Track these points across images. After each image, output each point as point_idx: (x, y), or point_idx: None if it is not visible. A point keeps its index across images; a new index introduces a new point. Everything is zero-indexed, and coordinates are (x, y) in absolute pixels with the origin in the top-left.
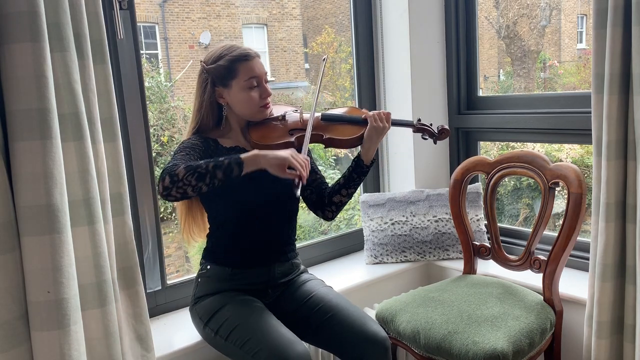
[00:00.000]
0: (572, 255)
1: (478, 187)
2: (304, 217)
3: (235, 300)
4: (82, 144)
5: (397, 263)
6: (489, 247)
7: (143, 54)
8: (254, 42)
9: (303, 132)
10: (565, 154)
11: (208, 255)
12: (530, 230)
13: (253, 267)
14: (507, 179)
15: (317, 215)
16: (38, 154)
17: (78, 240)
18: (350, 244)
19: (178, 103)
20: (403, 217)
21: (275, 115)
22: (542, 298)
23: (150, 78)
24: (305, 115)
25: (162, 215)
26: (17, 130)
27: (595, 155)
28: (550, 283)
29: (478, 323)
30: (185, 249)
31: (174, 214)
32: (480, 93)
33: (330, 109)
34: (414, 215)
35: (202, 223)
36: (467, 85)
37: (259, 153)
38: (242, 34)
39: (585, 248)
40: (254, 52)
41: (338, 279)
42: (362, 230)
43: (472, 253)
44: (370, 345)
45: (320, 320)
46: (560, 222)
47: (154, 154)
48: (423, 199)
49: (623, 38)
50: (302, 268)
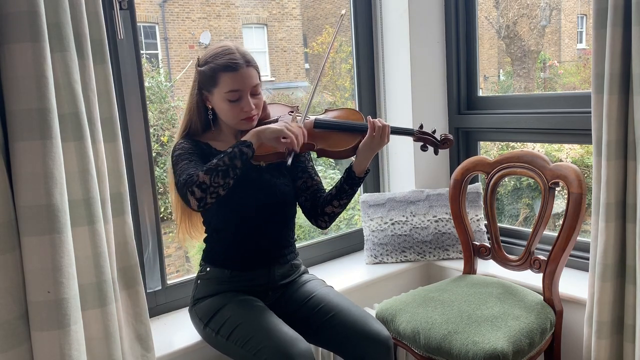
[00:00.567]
0: (572, 255)
1: (478, 187)
2: (304, 217)
3: (236, 300)
4: (82, 144)
5: (397, 263)
6: (489, 247)
7: (143, 54)
8: (254, 42)
9: None
10: (565, 154)
11: (207, 258)
12: (530, 230)
13: (252, 269)
14: (507, 179)
15: (311, 223)
16: (38, 154)
17: (78, 240)
18: (350, 244)
19: (178, 103)
20: (403, 217)
21: (268, 121)
22: (542, 298)
23: (151, 78)
24: (299, 119)
25: (162, 215)
26: (17, 130)
27: (595, 155)
28: (550, 283)
29: (478, 323)
30: (186, 249)
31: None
32: (480, 93)
33: (328, 110)
34: (414, 215)
35: (199, 224)
36: (467, 85)
37: (257, 130)
38: (242, 34)
39: (585, 248)
40: (244, 60)
41: (338, 279)
42: (362, 230)
43: (472, 253)
44: (373, 344)
45: (322, 320)
46: (560, 222)
47: (154, 154)
48: (423, 199)
49: (623, 38)
50: (302, 269)
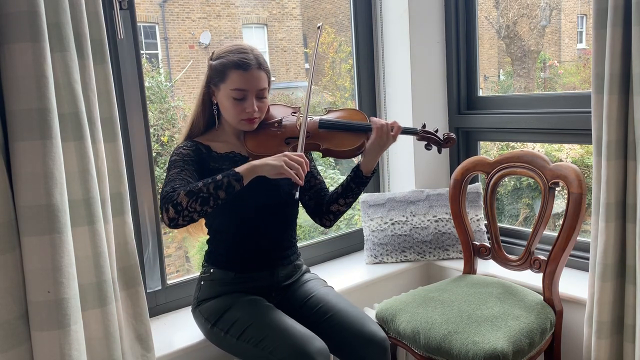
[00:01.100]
0: (572, 255)
1: (478, 187)
2: (304, 217)
3: (243, 300)
4: (82, 144)
5: (397, 263)
6: (489, 247)
7: (143, 54)
8: (254, 42)
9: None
10: (565, 154)
11: (210, 259)
12: (530, 230)
13: (256, 271)
14: (507, 179)
15: (315, 222)
16: (38, 154)
17: (78, 240)
18: (350, 244)
19: (178, 103)
20: (403, 217)
21: (272, 121)
22: (542, 298)
23: (151, 78)
24: (303, 120)
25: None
26: (17, 130)
27: (595, 155)
28: (550, 283)
29: (478, 323)
30: (186, 249)
31: None
32: (480, 93)
33: (331, 111)
34: (414, 215)
35: (200, 222)
36: (467, 85)
37: (253, 164)
38: (242, 34)
39: (585, 248)
40: (257, 62)
41: (338, 279)
42: (362, 230)
43: (472, 253)
44: (369, 346)
45: (320, 321)
46: (560, 222)
47: (154, 154)
48: (423, 199)
49: (623, 38)
50: (304, 268)
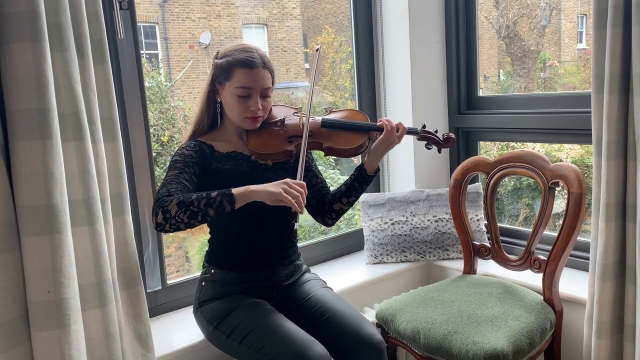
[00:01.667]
0: (572, 255)
1: (478, 187)
2: (304, 217)
3: (246, 303)
4: (82, 144)
5: (397, 263)
6: (489, 247)
7: (143, 54)
8: (254, 42)
9: (302, 139)
10: (565, 154)
11: (211, 259)
12: (530, 230)
13: (258, 271)
14: (507, 179)
15: (316, 221)
16: (38, 154)
17: (78, 240)
18: (350, 244)
19: (178, 103)
20: (403, 217)
21: (274, 120)
22: (542, 298)
23: (151, 78)
24: (305, 120)
25: None
26: (17, 130)
27: (595, 155)
28: (550, 283)
29: (478, 323)
30: (186, 249)
31: None
32: (480, 93)
33: (332, 111)
34: (414, 215)
35: None
36: (467, 85)
37: (251, 188)
38: (242, 34)
39: (585, 248)
40: (262, 61)
41: (338, 279)
42: (362, 230)
43: (472, 253)
44: (366, 348)
45: (318, 322)
46: (560, 222)
47: (154, 154)
48: (423, 199)
49: (623, 38)
50: (304, 268)
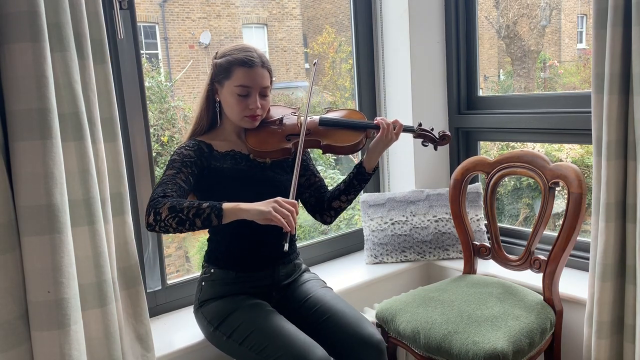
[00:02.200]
0: (572, 255)
1: (478, 187)
2: (304, 217)
3: (247, 305)
4: (82, 144)
5: (397, 263)
6: (489, 247)
7: (143, 54)
8: (254, 42)
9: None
10: (565, 154)
11: (210, 259)
12: (530, 230)
13: (257, 270)
14: (507, 179)
15: (315, 219)
16: (38, 154)
17: (78, 240)
18: (350, 244)
19: (178, 103)
20: (403, 217)
21: (273, 119)
22: (542, 298)
23: (151, 78)
24: (303, 119)
25: None
26: (17, 130)
27: (595, 155)
28: (550, 283)
29: (478, 323)
30: (186, 249)
31: None
32: (480, 93)
33: (330, 111)
34: (414, 215)
35: None
36: (467, 85)
37: (241, 206)
38: (242, 34)
39: (585, 248)
40: (261, 61)
41: (338, 279)
42: (362, 230)
43: (472, 253)
44: (366, 348)
45: (318, 322)
46: (560, 222)
47: (154, 154)
48: (423, 199)
49: (623, 38)
50: (303, 267)
